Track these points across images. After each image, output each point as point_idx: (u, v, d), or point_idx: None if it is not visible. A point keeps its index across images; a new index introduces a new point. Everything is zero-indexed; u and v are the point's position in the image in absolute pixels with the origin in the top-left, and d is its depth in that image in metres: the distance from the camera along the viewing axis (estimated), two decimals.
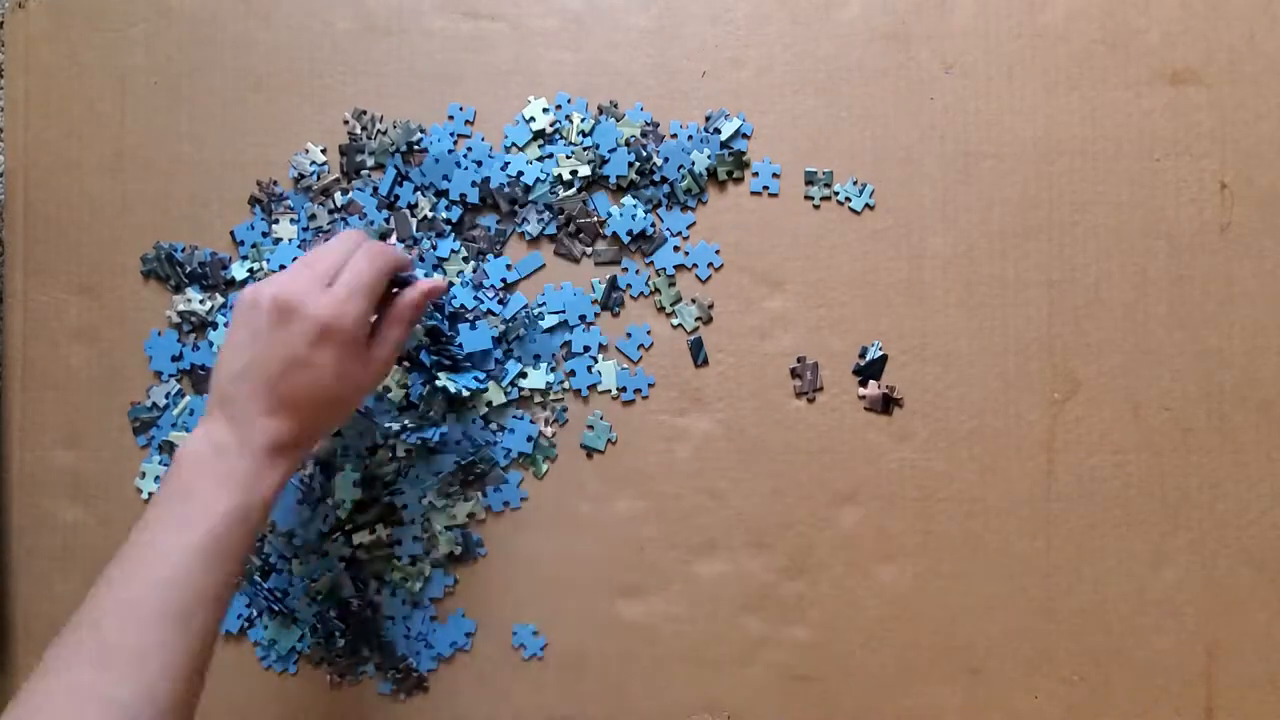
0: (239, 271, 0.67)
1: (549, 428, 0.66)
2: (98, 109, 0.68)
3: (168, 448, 0.67)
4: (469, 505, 0.65)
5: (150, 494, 0.67)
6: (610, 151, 0.66)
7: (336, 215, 0.67)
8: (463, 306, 0.65)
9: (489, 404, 0.65)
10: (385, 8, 0.67)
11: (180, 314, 0.67)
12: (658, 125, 0.66)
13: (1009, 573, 0.64)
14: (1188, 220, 0.65)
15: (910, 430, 0.65)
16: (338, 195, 0.67)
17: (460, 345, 0.64)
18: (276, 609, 0.65)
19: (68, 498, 0.67)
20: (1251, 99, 0.65)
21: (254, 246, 0.67)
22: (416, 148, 0.66)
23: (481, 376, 0.64)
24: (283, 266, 0.66)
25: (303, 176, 0.67)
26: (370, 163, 0.67)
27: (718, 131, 0.66)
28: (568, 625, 0.65)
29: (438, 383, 0.62)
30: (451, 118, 0.67)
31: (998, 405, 0.65)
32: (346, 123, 0.67)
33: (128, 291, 0.68)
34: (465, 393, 0.63)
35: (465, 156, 0.66)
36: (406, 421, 0.64)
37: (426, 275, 0.65)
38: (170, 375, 0.67)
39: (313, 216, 0.67)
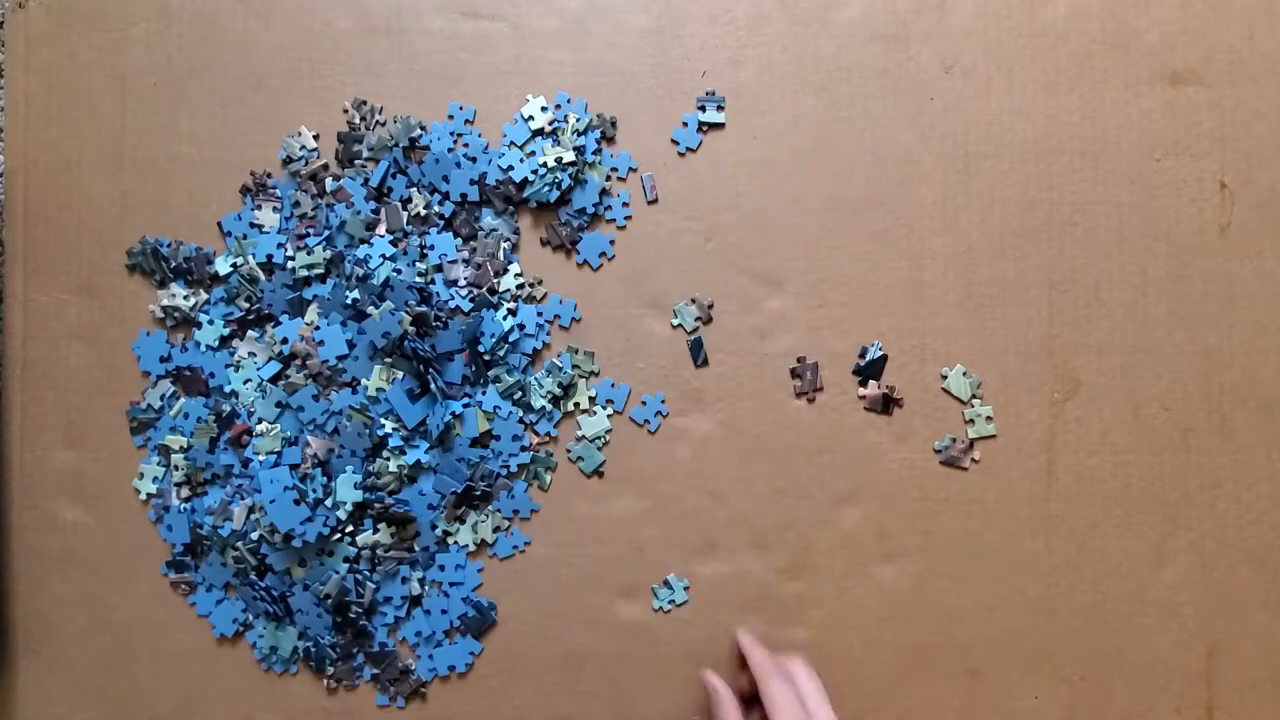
0: (222, 266, 0.66)
1: (544, 438, 0.66)
2: (98, 109, 0.68)
3: (163, 451, 0.66)
4: (476, 516, 0.65)
5: (148, 495, 0.66)
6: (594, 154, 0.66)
7: (322, 201, 0.66)
8: (457, 306, 0.65)
9: (488, 419, 0.65)
10: (385, 8, 0.67)
11: (164, 309, 0.66)
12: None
13: (1009, 573, 0.64)
14: (1188, 220, 0.65)
15: (910, 430, 0.65)
16: (327, 181, 0.66)
17: (433, 348, 0.63)
18: (274, 611, 0.65)
19: (68, 498, 0.67)
20: (1251, 99, 0.65)
21: (239, 239, 0.66)
22: (418, 145, 0.66)
23: (466, 402, 0.64)
24: (270, 258, 0.65)
25: (291, 159, 0.66)
26: (366, 155, 0.66)
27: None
28: (568, 625, 0.65)
29: (430, 388, 0.62)
30: (451, 117, 0.67)
31: (998, 405, 0.65)
32: (346, 111, 0.67)
33: (127, 292, 0.67)
34: (450, 417, 0.63)
35: (463, 154, 0.66)
36: (401, 439, 0.63)
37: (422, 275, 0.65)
38: (159, 376, 0.67)
39: (296, 204, 0.66)
